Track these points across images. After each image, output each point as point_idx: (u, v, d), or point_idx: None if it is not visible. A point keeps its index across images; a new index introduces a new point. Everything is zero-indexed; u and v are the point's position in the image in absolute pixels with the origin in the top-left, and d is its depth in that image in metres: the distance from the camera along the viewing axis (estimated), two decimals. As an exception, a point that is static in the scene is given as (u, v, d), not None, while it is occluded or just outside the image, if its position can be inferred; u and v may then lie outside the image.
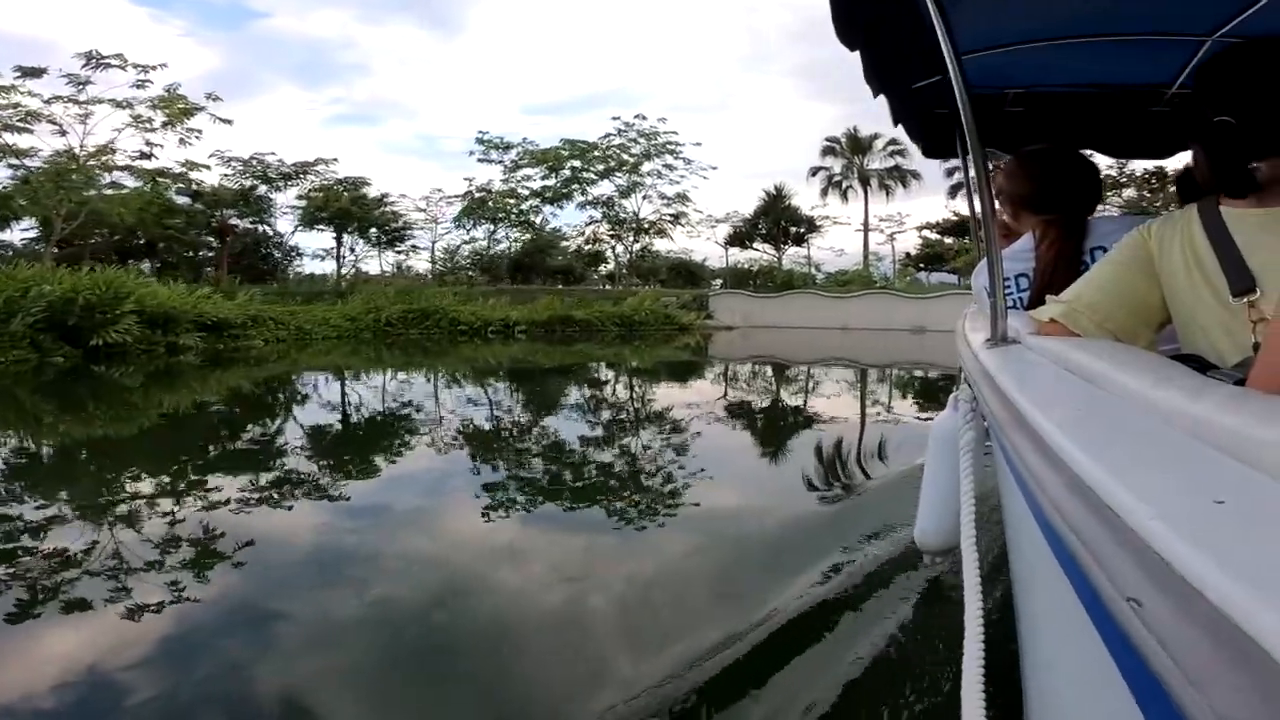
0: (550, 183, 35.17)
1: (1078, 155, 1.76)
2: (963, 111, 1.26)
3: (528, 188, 35.49)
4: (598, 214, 37.01)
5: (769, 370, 14.02)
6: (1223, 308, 0.88)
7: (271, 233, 32.84)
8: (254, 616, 2.51)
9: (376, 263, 37.55)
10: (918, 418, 7.34)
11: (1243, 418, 0.50)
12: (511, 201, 35.26)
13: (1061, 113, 2.45)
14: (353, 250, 34.32)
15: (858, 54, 1.63)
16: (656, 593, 2.77)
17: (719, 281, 35.43)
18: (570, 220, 55.50)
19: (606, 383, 11.57)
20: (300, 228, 32.16)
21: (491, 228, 36.10)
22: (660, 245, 39.16)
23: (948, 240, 34.76)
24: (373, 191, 32.06)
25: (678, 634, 2.29)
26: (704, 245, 55.35)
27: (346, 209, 30.09)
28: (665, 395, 9.84)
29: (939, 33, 1.21)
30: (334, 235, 32.84)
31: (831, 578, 2.69)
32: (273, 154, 29.67)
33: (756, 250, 38.65)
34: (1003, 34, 1.91)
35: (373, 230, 33.66)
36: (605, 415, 7.92)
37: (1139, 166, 28.83)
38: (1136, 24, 1.85)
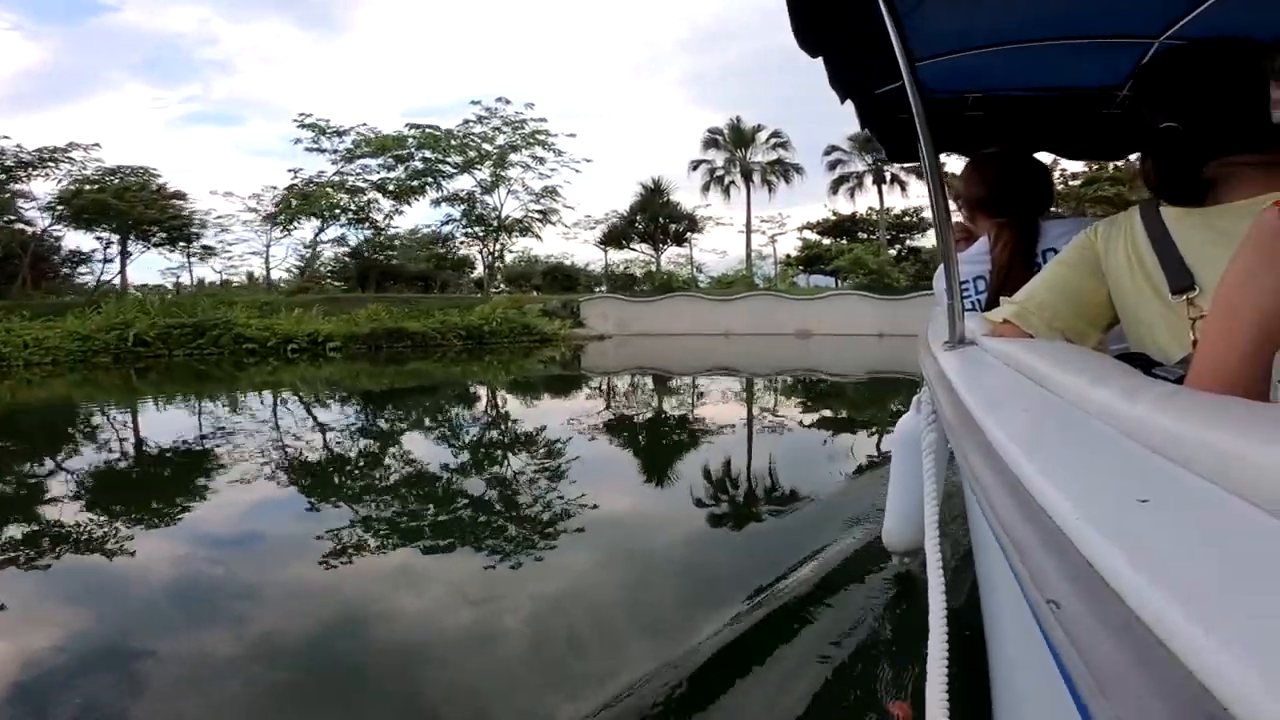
0: (395, 174, 30.50)
1: (1029, 158, 1.85)
2: (917, 117, 1.34)
3: (368, 180, 30.62)
4: (456, 211, 32.79)
5: (645, 386, 11.85)
6: (1164, 306, 0.91)
7: (31, 232, 25.96)
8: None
9: (190, 272, 31.45)
10: (833, 434, 6.64)
11: (1173, 417, 0.51)
12: (345, 196, 30.16)
13: (1019, 116, 2.55)
14: (124, 254, 27.87)
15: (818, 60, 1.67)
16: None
17: (603, 288, 32.35)
18: (427, 219, 51.41)
19: (418, 420, 8.59)
20: (63, 226, 25.58)
21: (320, 225, 30.80)
22: (533, 248, 35.81)
23: (826, 241, 33.69)
24: (205, 193, 26.13)
25: None
26: (585, 249, 52.49)
27: (105, 204, 23.92)
28: (508, 433, 7.31)
29: (894, 40, 1.27)
30: (102, 235, 26.36)
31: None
32: (6, 138, 23.18)
33: (634, 250, 35.98)
34: (961, 39, 1.99)
35: (159, 231, 27.45)
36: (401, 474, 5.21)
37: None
38: (1088, 27, 1.94)
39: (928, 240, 32.11)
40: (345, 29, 67.78)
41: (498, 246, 33.94)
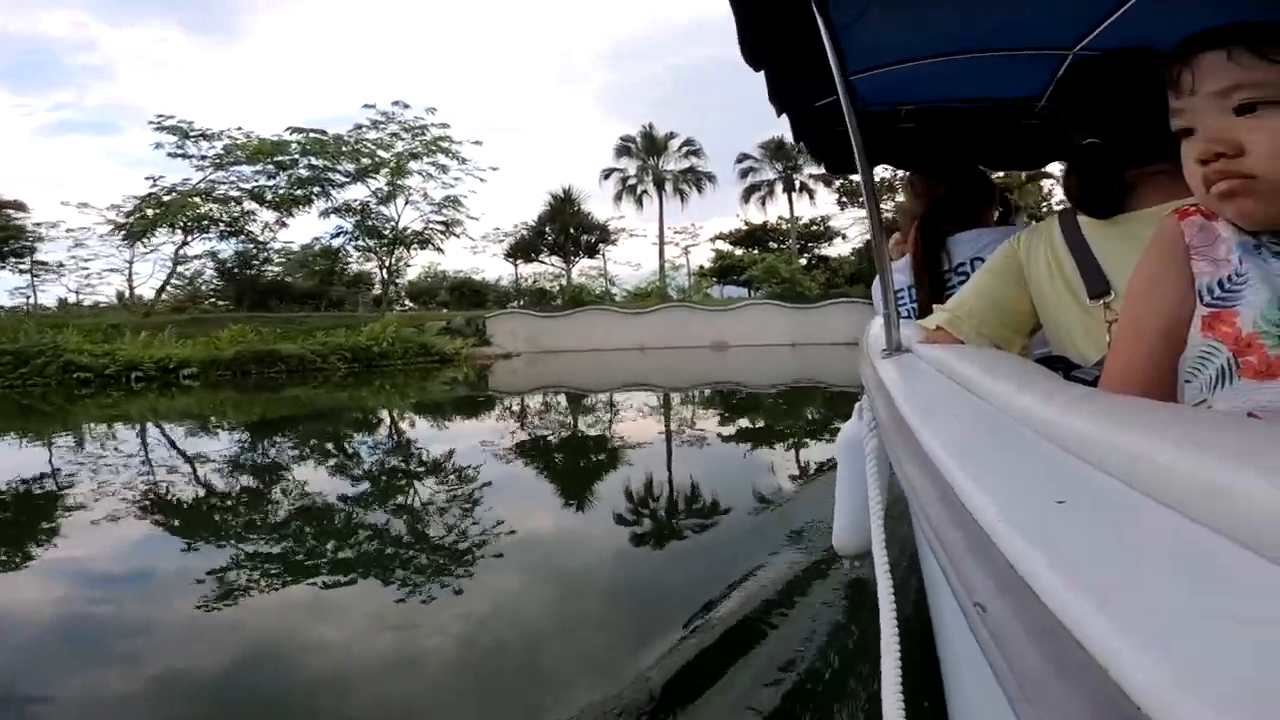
0: (275, 183, 27.88)
1: (954, 165, 1.97)
2: (852, 130, 1.38)
3: (243, 189, 27.82)
4: (348, 223, 30.42)
5: (558, 405, 10.92)
6: (1082, 310, 0.96)
7: None
8: None
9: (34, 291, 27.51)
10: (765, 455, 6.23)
11: (1086, 420, 0.53)
12: (214, 206, 27.27)
13: (948, 127, 2.62)
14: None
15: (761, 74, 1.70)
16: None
17: (518, 303, 30.84)
18: (321, 231, 48.54)
19: (292, 454, 7.22)
20: None
21: (183, 238, 27.70)
22: (439, 262, 33.95)
23: (738, 252, 33.72)
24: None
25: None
26: (497, 264, 50.67)
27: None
28: (396, 465, 6.11)
29: (829, 55, 1.34)
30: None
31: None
32: None
33: (544, 264, 34.67)
34: (893, 52, 2.05)
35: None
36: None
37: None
38: (1008, 40, 2.00)
39: (835, 249, 32.82)
40: (240, 35, 64.78)
41: (395, 260, 31.76)
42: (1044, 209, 21.19)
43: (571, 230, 32.98)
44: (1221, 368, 0.64)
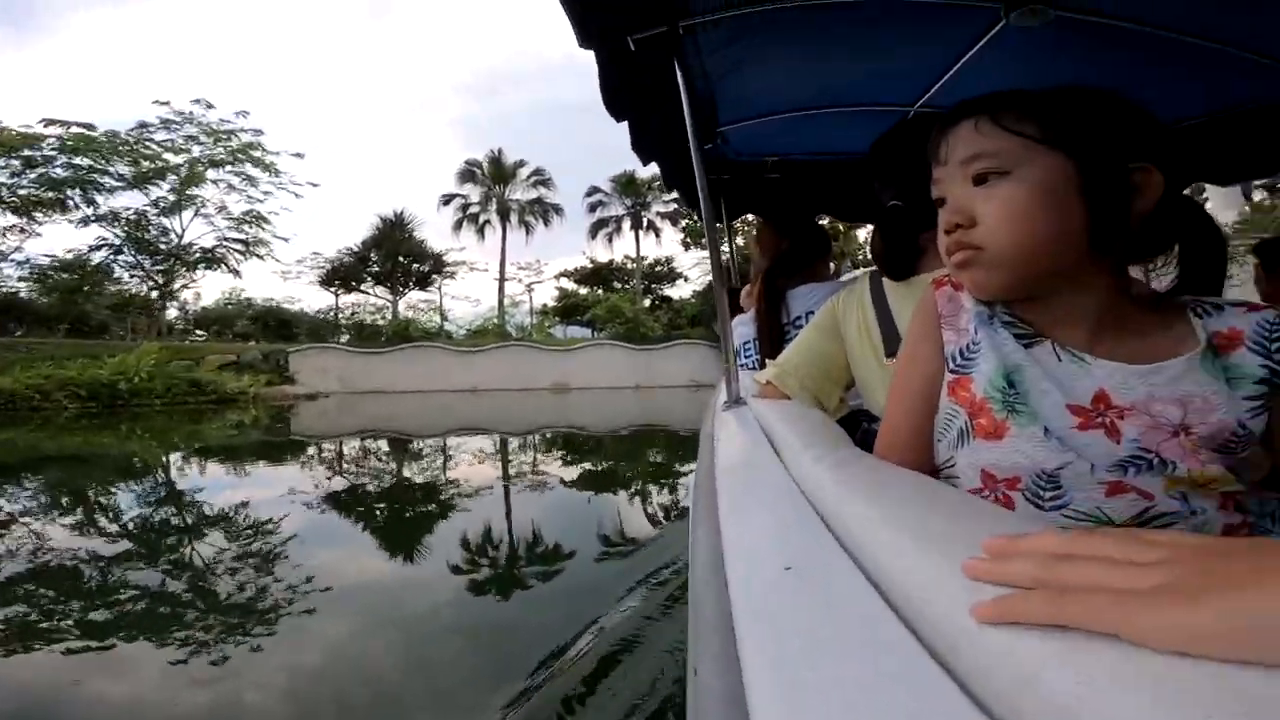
0: (12, 181, 22.62)
1: (801, 221, 1.99)
2: (700, 184, 1.41)
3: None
4: (116, 234, 25.41)
5: (374, 456, 9.17)
6: (880, 367, 1.01)
7: None
8: None
9: None
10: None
11: (838, 484, 0.57)
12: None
13: (807, 179, 2.77)
14: None
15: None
16: None
17: (344, 338, 27.24)
18: (73, 242, 40.72)
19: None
20: None
21: None
22: (242, 288, 29.43)
23: (583, 291, 32.95)
24: None
25: None
26: (315, 293, 45.48)
27: None
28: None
29: (685, 111, 1.40)
30: None
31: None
32: None
33: (368, 294, 31.27)
34: (761, 105, 2.20)
35: None
36: None
37: None
38: (858, 96, 2.17)
39: (678, 290, 33.11)
40: (40, 31, 56.98)
41: (173, 281, 26.97)
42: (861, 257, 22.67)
43: (401, 258, 30.09)
44: (961, 429, 0.69)
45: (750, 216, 3.49)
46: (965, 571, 0.36)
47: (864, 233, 24.34)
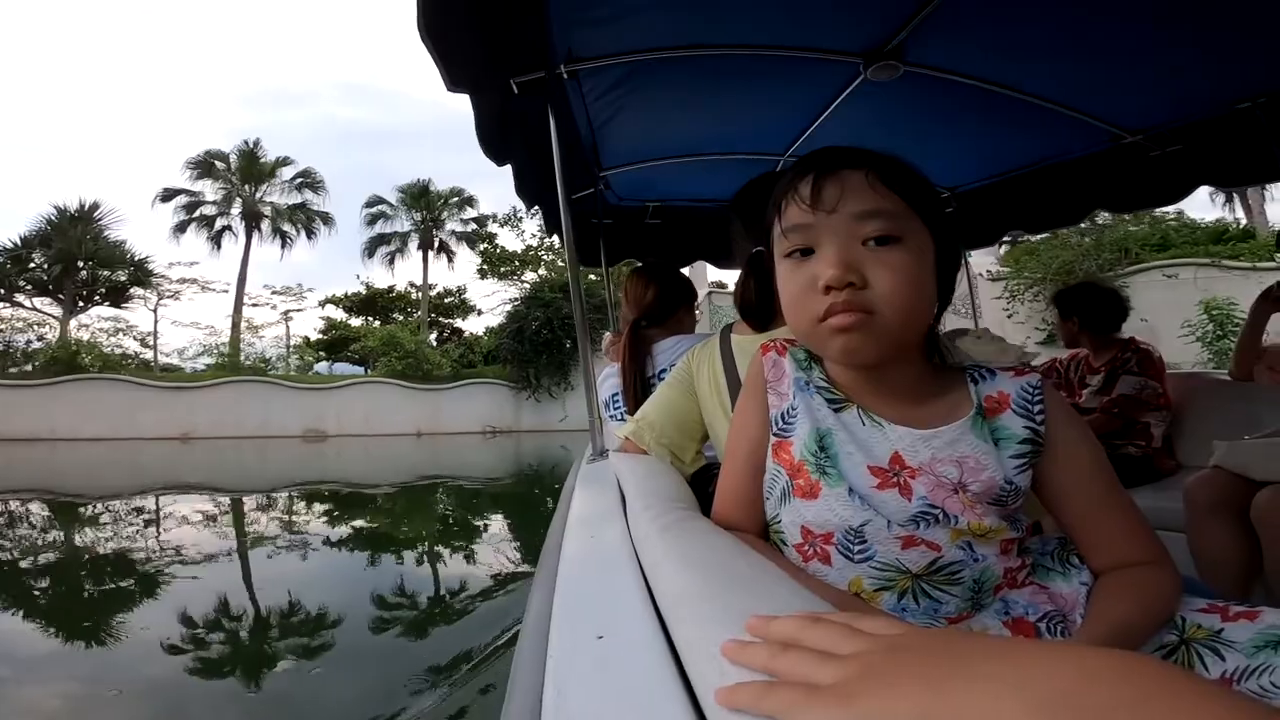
0: None
1: (665, 269, 1.94)
2: (565, 227, 1.45)
3: None
4: None
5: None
6: (729, 422, 0.97)
7: None
8: None
9: None
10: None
11: (667, 548, 0.58)
12: None
13: (685, 225, 2.89)
14: None
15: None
16: None
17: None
18: None
19: None
20: None
21: None
22: None
23: (356, 322, 27.77)
24: None
25: None
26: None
27: None
28: None
29: (555, 158, 1.41)
30: None
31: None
32: None
33: (20, 304, 22.47)
34: (642, 150, 2.27)
35: None
36: None
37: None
38: (736, 143, 2.28)
39: (471, 324, 29.32)
40: None
41: None
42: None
43: (82, 263, 22.08)
44: (784, 488, 0.73)
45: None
46: (722, 652, 0.39)
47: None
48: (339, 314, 28.81)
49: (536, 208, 2.18)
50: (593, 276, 21.72)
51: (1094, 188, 2.44)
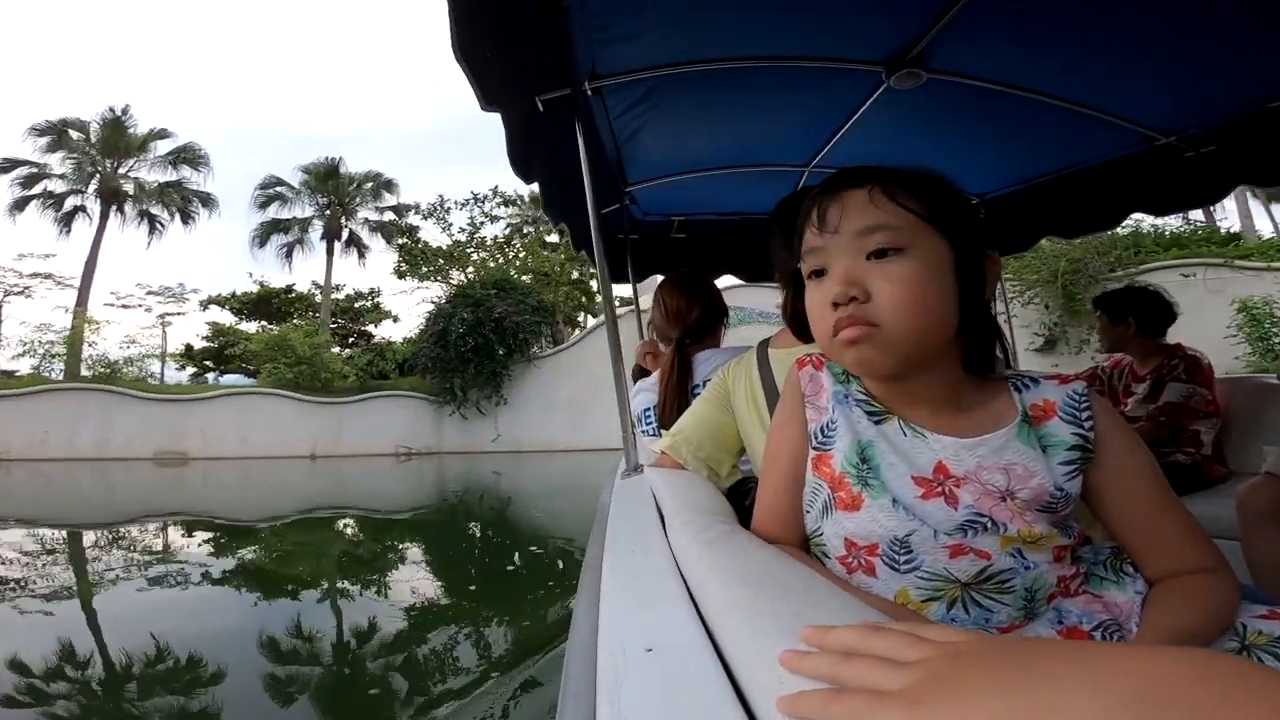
0: None
1: (703, 281, 1.95)
2: (596, 244, 1.45)
3: None
4: None
5: None
6: (767, 436, 1.00)
7: None
8: None
9: None
10: None
11: (710, 561, 0.59)
12: None
13: (711, 239, 2.89)
14: None
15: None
16: None
17: None
18: None
19: None
20: None
21: None
22: None
23: (248, 327, 23.96)
24: None
25: None
26: None
27: None
28: None
29: (583, 171, 1.42)
30: None
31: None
32: None
33: None
34: (667, 165, 2.29)
35: None
36: None
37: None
38: (757, 157, 2.28)
39: (385, 329, 25.81)
40: None
41: None
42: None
43: None
44: (825, 502, 0.74)
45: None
46: (781, 662, 0.40)
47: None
48: (228, 317, 24.73)
49: (563, 225, 2.18)
50: (526, 279, 19.28)
51: (1130, 190, 2.42)
